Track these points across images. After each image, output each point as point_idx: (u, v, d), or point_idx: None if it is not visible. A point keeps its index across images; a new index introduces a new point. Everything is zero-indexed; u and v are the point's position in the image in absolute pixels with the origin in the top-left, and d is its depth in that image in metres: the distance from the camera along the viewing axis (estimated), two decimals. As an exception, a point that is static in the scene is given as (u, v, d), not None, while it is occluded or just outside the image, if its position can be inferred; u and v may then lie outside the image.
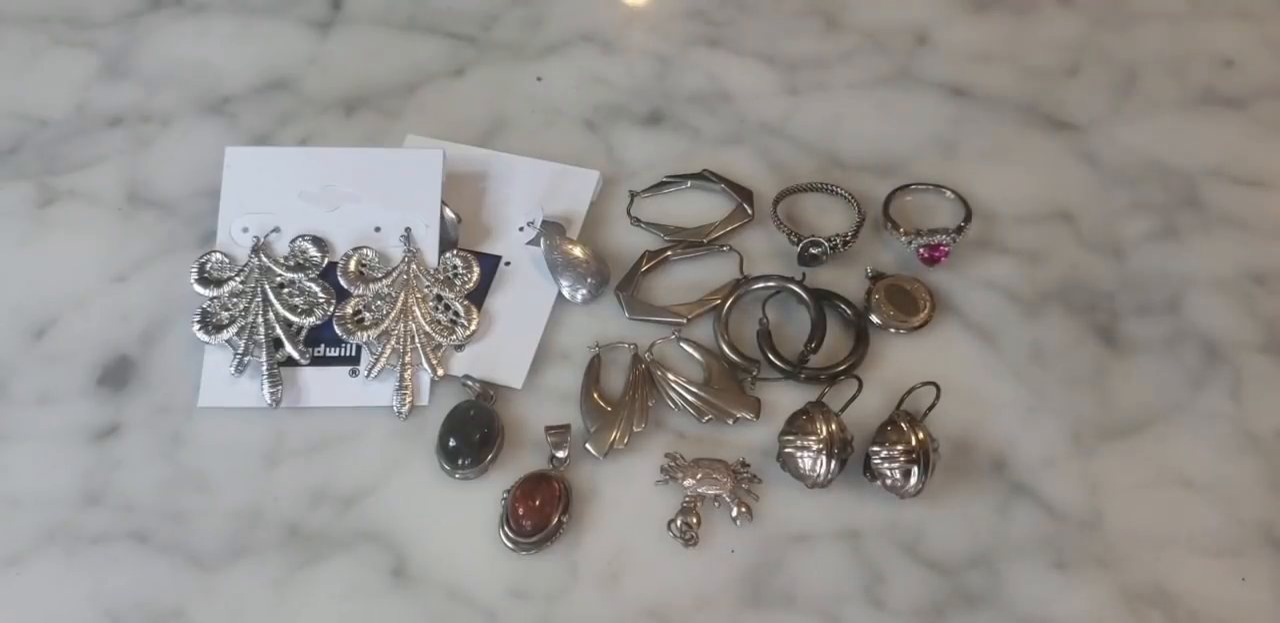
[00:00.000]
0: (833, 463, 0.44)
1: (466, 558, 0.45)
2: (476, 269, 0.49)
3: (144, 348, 0.49)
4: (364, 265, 0.49)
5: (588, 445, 0.46)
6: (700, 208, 0.53)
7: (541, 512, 0.44)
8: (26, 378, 0.48)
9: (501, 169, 0.53)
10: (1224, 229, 0.52)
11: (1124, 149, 0.55)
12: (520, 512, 0.44)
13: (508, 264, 0.50)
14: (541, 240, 0.50)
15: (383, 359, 0.48)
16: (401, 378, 0.48)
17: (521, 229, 0.51)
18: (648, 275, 0.51)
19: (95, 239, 0.52)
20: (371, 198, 0.50)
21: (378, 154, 0.52)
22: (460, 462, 0.46)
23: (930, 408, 0.46)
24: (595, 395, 0.48)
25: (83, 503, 0.46)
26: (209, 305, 0.48)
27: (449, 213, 0.50)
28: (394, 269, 0.49)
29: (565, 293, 0.50)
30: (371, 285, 0.49)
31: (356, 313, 0.48)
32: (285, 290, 0.49)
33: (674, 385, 0.48)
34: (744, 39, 0.59)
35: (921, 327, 0.49)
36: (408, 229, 0.50)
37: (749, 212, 0.52)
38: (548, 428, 0.46)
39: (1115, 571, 0.45)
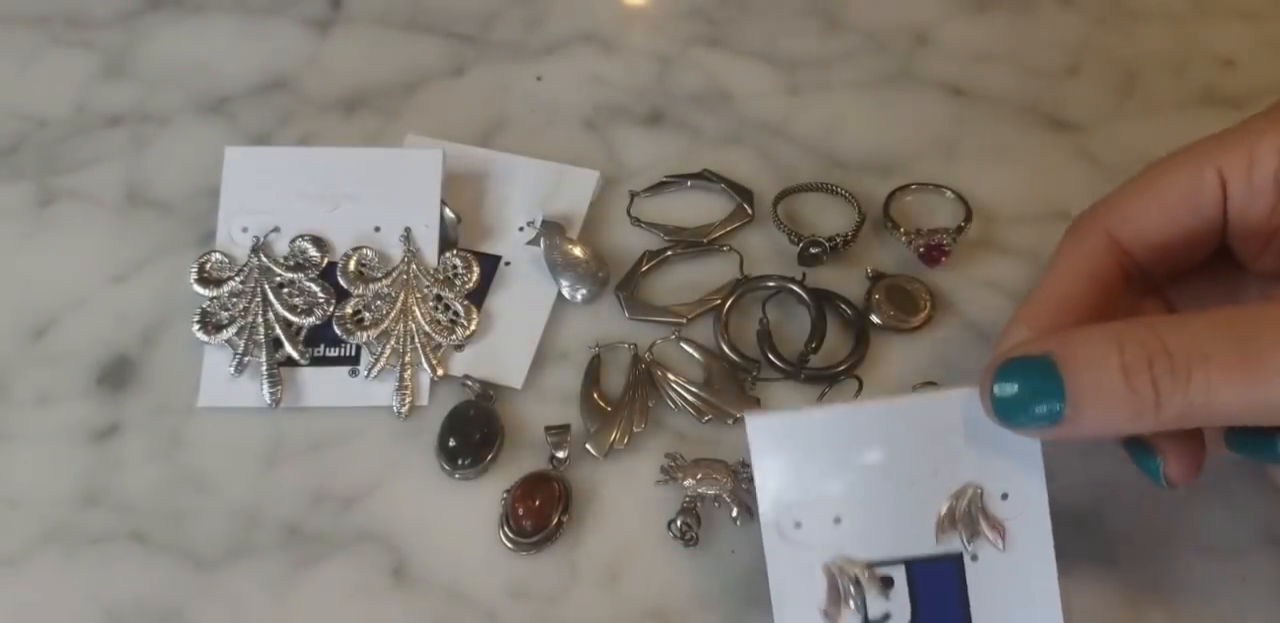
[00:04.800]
0: (833, 463, 0.44)
1: (466, 558, 0.45)
2: (476, 269, 0.49)
3: (143, 348, 0.49)
4: (364, 265, 0.49)
5: (588, 446, 0.46)
6: (700, 208, 0.53)
7: (541, 512, 0.44)
8: (26, 378, 0.48)
9: (501, 169, 0.53)
10: (1224, 229, 0.52)
11: (1124, 149, 0.55)
12: (520, 512, 0.44)
13: (508, 264, 0.50)
14: (541, 240, 0.50)
15: (382, 359, 0.48)
16: (401, 378, 0.47)
17: (521, 229, 0.51)
18: (648, 275, 0.51)
19: (95, 239, 0.52)
20: (371, 198, 0.50)
21: (377, 154, 0.52)
22: (460, 462, 0.46)
23: (930, 408, 0.46)
24: (595, 396, 0.48)
25: (82, 503, 0.46)
26: (208, 305, 0.48)
27: (449, 213, 0.50)
28: (394, 269, 0.49)
29: (565, 293, 0.50)
30: (371, 285, 0.49)
31: (356, 313, 0.48)
32: (285, 290, 0.49)
33: (674, 385, 0.48)
34: (744, 39, 0.59)
35: (921, 327, 0.49)
36: (407, 229, 0.49)
37: (749, 211, 0.52)
38: (547, 428, 0.46)
39: (1116, 571, 0.45)
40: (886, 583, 0.37)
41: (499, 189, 0.52)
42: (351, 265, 0.49)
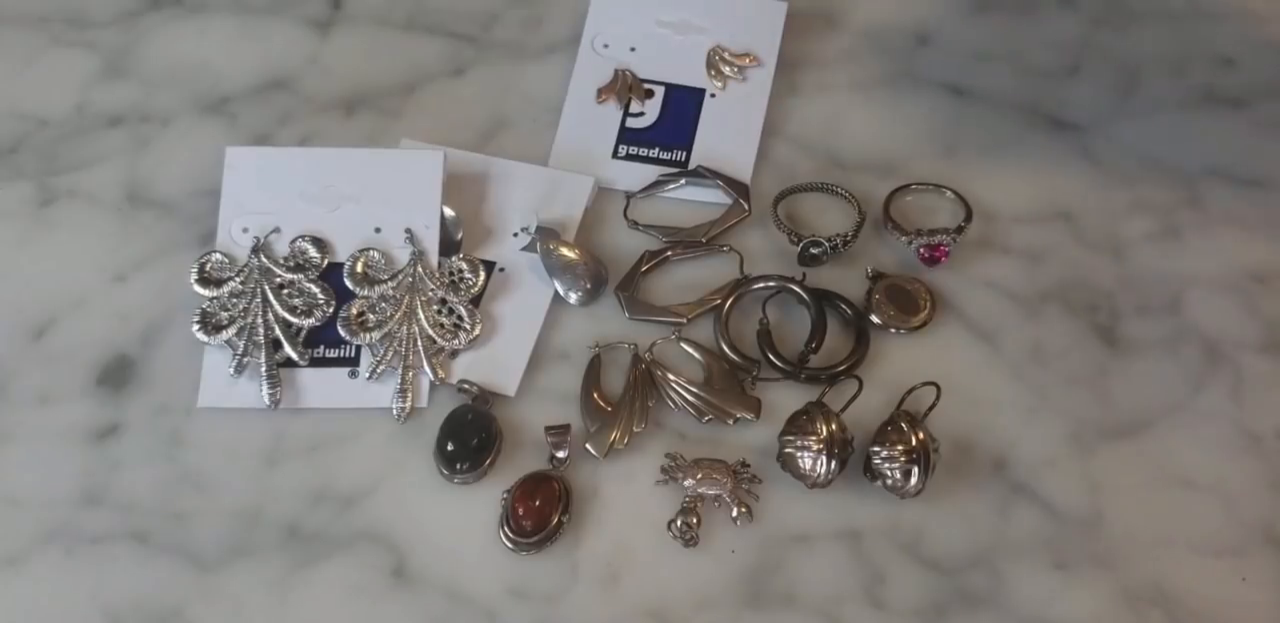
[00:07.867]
0: (833, 463, 0.44)
1: (466, 558, 0.45)
2: (483, 274, 0.49)
3: (144, 348, 0.49)
4: (370, 267, 0.49)
5: (588, 446, 0.46)
6: (697, 207, 0.53)
7: (541, 512, 0.44)
8: (26, 378, 0.48)
9: (497, 174, 0.52)
10: (1224, 229, 0.52)
11: (1124, 149, 0.55)
12: (520, 512, 0.44)
13: (502, 270, 0.50)
14: (537, 245, 0.50)
15: (384, 361, 0.47)
16: (403, 380, 0.47)
17: (516, 235, 0.51)
18: (648, 276, 0.51)
19: (95, 239, 0.52)
20: (372, 198, 0.50)
21: (378, 154, 0.52)
22: (458, 467, 0.45)
23: (930, 408, 0.46)
24: (595, 396, 0.48)
25: (83, 503, 0.46)
26: (209, 306, 0.48)
27: (449, 212, 0.50)
28: (400, 272, 0.49)
29: (561, 295, 0.50)
30: (377, 287, 0.49)
31: (360, 314, 0.48)
32: (285, 291, 0.49)
33: (674, 385, 0.48)
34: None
35: (921, 327, 0.49)
36: (409, 230, 0.49)
37: (746, 207, 0.52)
38: (548, 428, 0.46)
39: (1115, 571, 0.45)
40: (650, 93, 0.54)
41: (494, 195, 0.52)
42: (359, 268, 0.49)
